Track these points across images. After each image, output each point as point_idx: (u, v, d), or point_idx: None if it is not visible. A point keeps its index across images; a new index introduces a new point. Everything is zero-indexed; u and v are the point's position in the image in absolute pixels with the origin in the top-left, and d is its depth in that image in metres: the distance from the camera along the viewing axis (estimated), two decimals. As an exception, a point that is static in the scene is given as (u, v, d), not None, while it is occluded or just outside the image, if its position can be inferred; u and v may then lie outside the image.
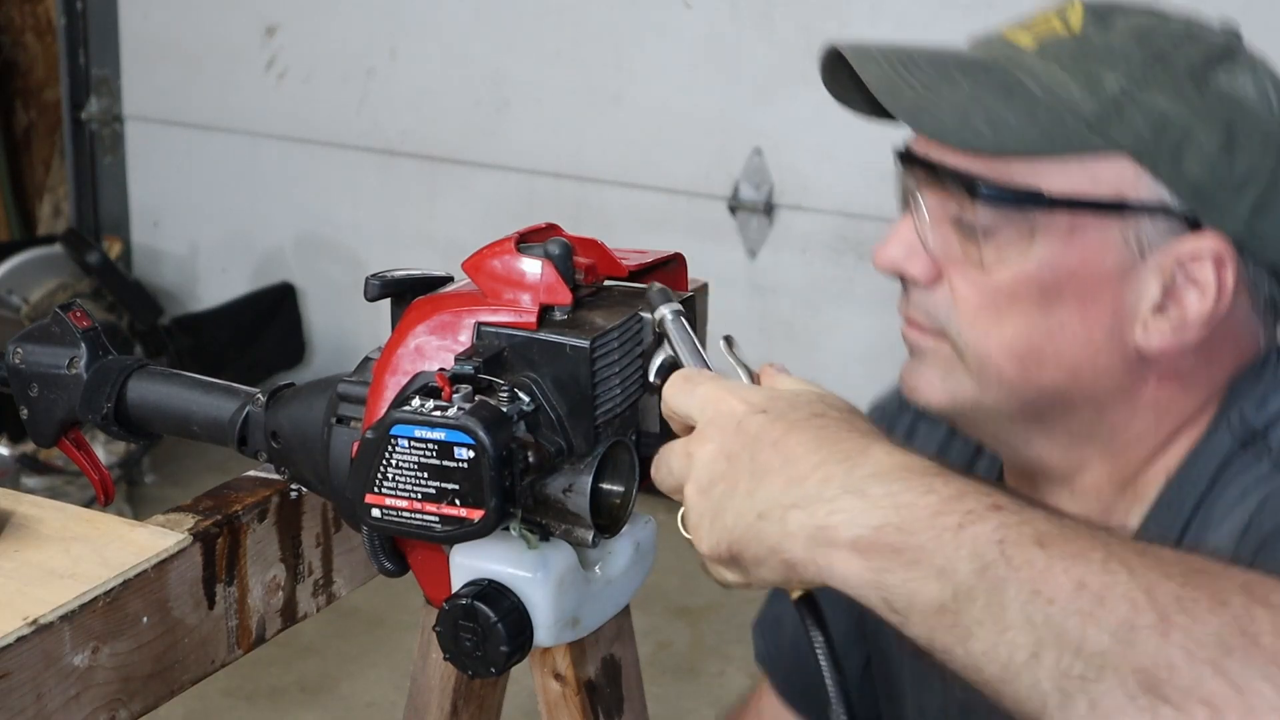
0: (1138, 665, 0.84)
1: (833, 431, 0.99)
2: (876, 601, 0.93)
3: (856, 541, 0.93)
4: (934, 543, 0.90)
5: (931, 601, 0.90)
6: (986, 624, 0.88)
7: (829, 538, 0.94)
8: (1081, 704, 0.86)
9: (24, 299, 4.10)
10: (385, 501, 1.06)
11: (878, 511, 0.93)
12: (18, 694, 1.02)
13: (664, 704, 3.26)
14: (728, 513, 1.00)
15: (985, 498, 0.92)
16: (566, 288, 1.10)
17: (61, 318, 1.25)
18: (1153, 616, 0.85)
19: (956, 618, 0.90)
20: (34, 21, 4.80)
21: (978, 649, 0.89)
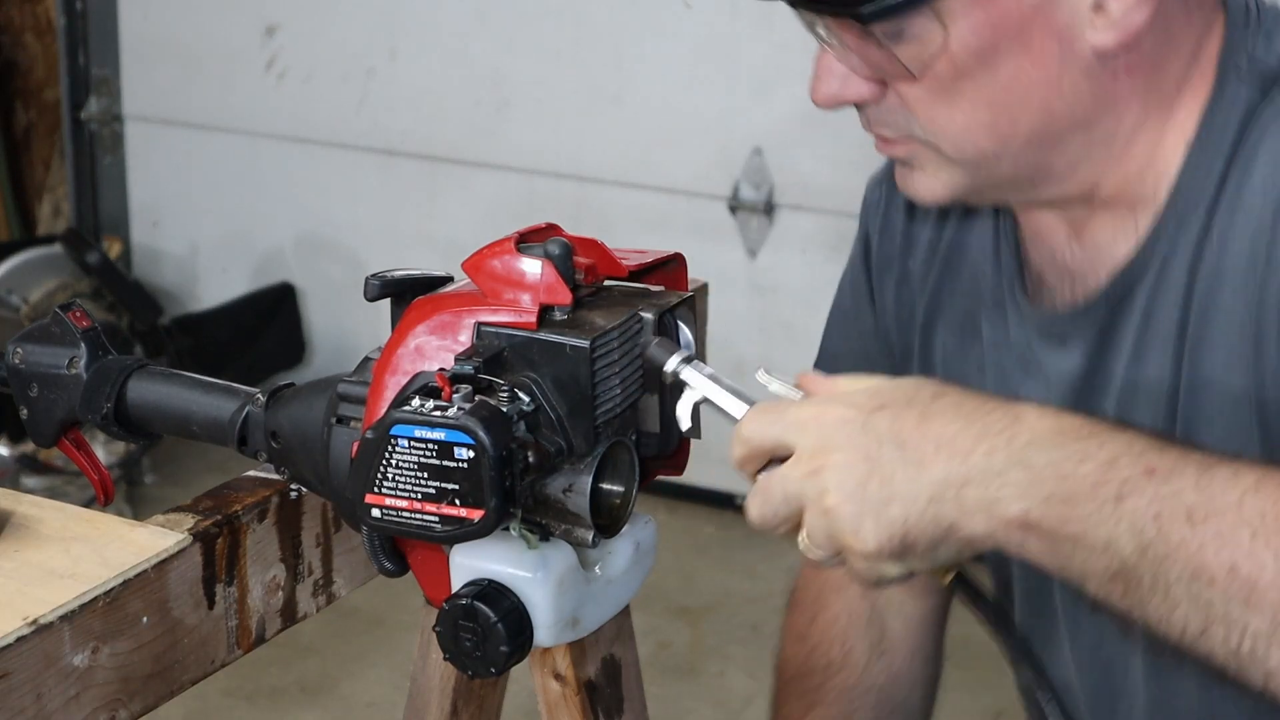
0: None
1: (971, 406, 1.02)
2: (1053, 569, 0.99)
3: (1028, 515, 0.98)
4: (1097, 515, 0.96)
5: (1102, 572, 0.97)
6: (1156, 596, 0.96)
7: (1003, 512, 0.99)
8: (1255, 672, 0.95)
9: (24, 299, 4.10)
10: (385, 501, 1.06)
11: (1043, 484, 0.97)
12: (18, 694, 1.02)
13: (664, 704, 3.26)
14: (894, 504, 1.01)
15: (1138, 460, 0.97)
16: (566, 288, 1.10)
17: (61, 318, 1.25)
18: None
19: (1127, 587, 0.96)
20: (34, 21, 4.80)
21: (1152, 616, 0.96)
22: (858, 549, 1.03)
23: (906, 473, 1.01)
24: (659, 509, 3.91)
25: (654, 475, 1.22)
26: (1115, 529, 0.96)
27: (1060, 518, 0.97)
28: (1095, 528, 0.96)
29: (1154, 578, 0.96)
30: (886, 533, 1.02)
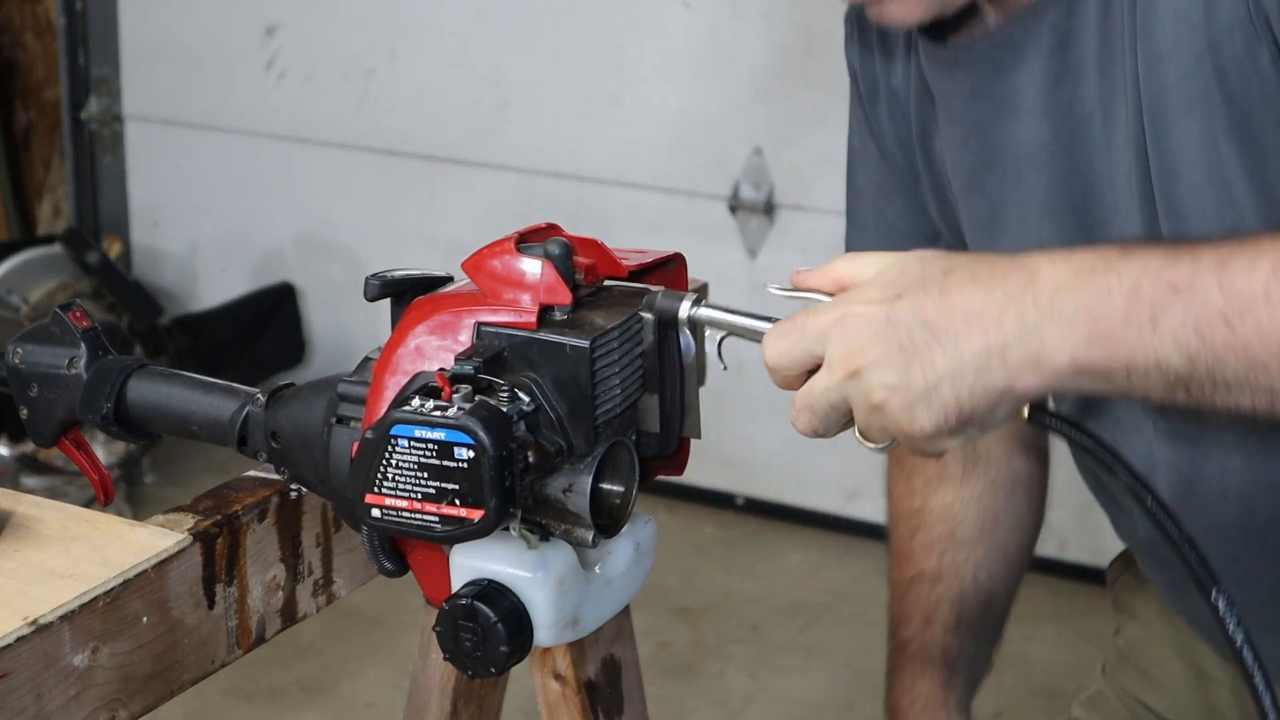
0: None
1: (985, 273, 1.04)
2: (1117, 394, 1.03)
3: (1074, 361, 1.00)
4: (1139, 342, 0.99)
5: (1160, 387, 1.00)
6: (1220, 392, 1.00)
7: (1050, 365, 1.01)
8: None
9: (24, 299, 4.10)
10: (385, 501, 1.06)
11: (1079, 328, 1.00)
12: (18, 694, 1.02)
13: (664, 704, 3.26)
14: (943, 386, 1.02)
15: (1157, 279, 0.99)
16: (566, 288, 1.10)
17: (61, 318, 1.25)
18: None
19: (1189, 392, 1.00)
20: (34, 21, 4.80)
21: (1220, 407, 1.01)
22: (917, 434, 1.04)
23: (945, 352, 1.02)
24: (659, 509, 3.91)
25: (654, 475, 1.22)
26: (1161, 349, 0.99)
27: (1105, 354, 1.00)
28: (1141, 354, 1.00)
29: (1211, 379, 0.99)
30: (942, 414, 1.03)
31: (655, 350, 1.15)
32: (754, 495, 4.10)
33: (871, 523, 3.76)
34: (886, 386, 1.03)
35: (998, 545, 1.62)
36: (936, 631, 1.59)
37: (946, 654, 1.59)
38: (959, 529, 1.61)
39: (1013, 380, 1.01)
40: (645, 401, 1.16)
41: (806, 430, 1.09)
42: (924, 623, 1.60)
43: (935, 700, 1.58)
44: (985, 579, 1.61)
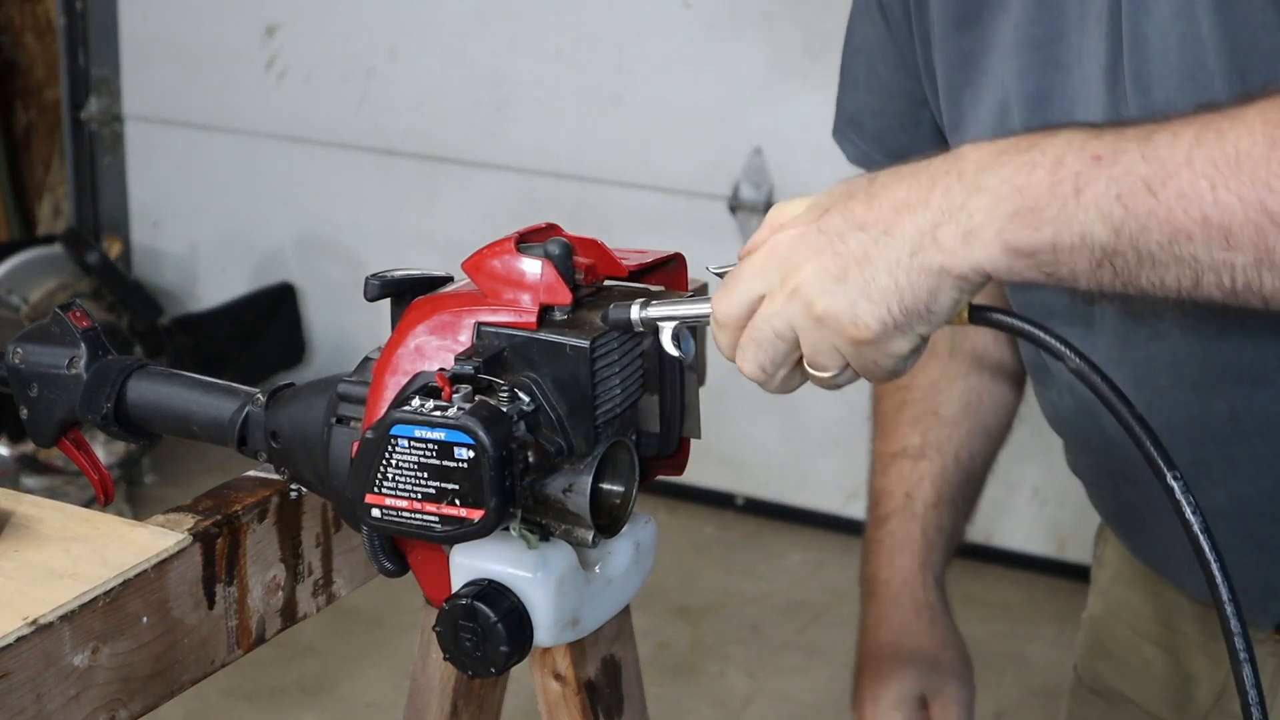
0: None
1: (909, 168, 1.04)
2: (1041, 277, 1.01)
3: (1002, 233, 0.99)
4: (1063, 213, 0.98)
5: (1087, 264, 0.99)
6: (1145, 268, 0.99)
7: (980, 240, 1.00)
8: (1254, 300, 0.99)
9: (24, 299, 4.10)
10: (385, 501, 1.06)
11: (1005, 200, 1.00)
12: (18, 694, 1.02)
13: (664, 704, 3.26)
14: (879, 275, 1.02)
15: (1080, 152, 0.99)
16: (566, 288, 1.10)
17: (61, 318, 1.25)
18: (1276, 231, 0.95)
19: (1115, 270, 0.99)
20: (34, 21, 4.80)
21: (1148, 286, 1.00)
22: (864, 337, 1.03)
23: (879, 245, 1.02)
24: (659, 509, 3.91)
25: (654, 475, 1.22)
26: (1085, 220, 0.98)
27: (1031, 230, 0.99)
28: (1066, 225, 0.99)
29: (1136, 252, 0.99)
30: (884, 305, 1.02)
31: (655, 350, 1.15)
32: (754, 495, 4.10)
33: (871, 523, 3.76)
34: (825, 291, 1.02)
35: (980, 423, 1.63)
36: (917, 508, 1.60)
37: (926, 531, 1.60)
38: (943, 407, 1.62)
39: (946, 259, 1.01)
40: (645, 401, 1.16)
41: (754, 369, 1.08)
42: (905, 498, 1.61)
43: (914, 578, 1.59)
44: (966, 457, 1.63)
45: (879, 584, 1.60)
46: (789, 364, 1.07)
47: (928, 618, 1.58)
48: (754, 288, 1.06)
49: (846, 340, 1.03)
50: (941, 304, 1.02)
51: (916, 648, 1.56)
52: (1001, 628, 3.57)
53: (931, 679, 1.55)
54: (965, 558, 3.95)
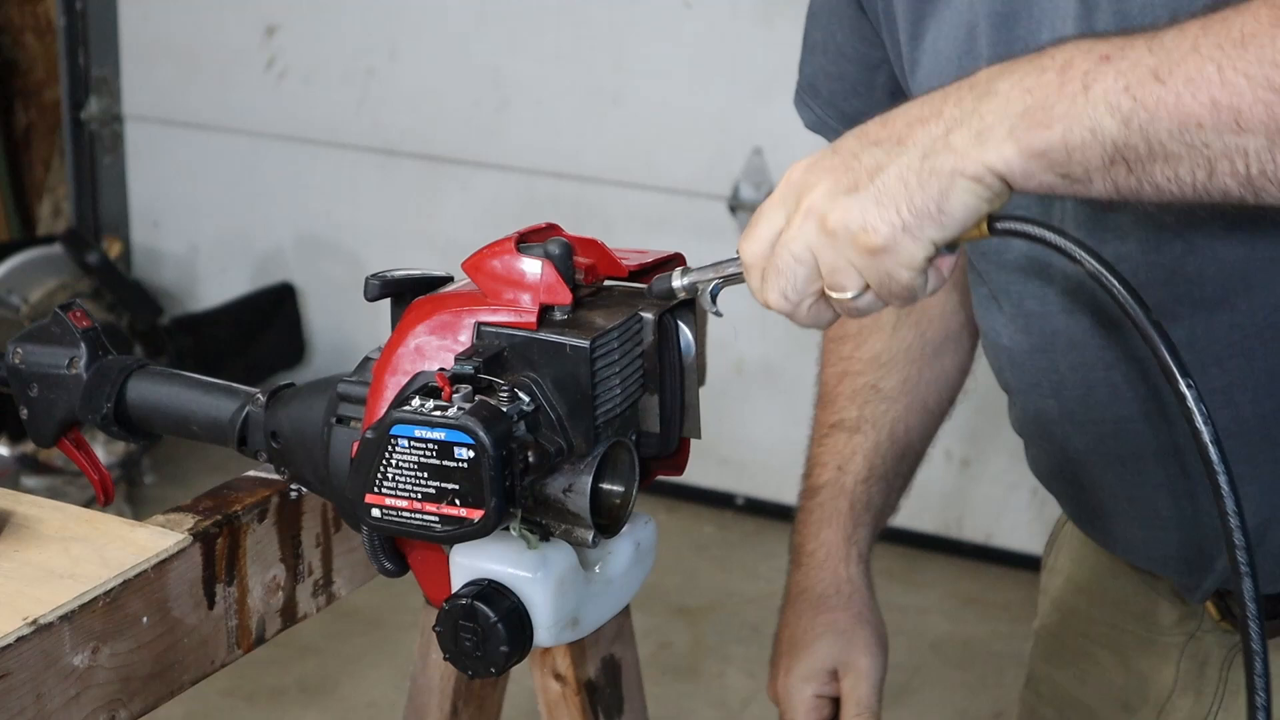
0: None
1: (923, 96, 1.05)
2: (1057, 181, 1.01)
3: (1013, 131, 1.00)
4: (1072, 110, 0.99)
5: (1099, 160, 0.99)
6: (1158, 162, 0.99)
7: (991, 137, 1.00)
8: (1272, 190, 0.99)
9: (24, 299, 4.10)
10: (385, 501, 1.06)
11: (1015, 101, 1.00)
12: (17, 694, 1.02)
13: (664, 704, 3.26)
14: (889, 183, 1.02)
15: (1089, 54, 1.00)
16: (566, 288, 1.10)
17: (61, 318, 1.25)
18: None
19: (1129, 167, 0.99)
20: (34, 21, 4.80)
21: (1162, 184, 1.00)
22: (875, 244, 1.02)
23: (891, 155, 1.03)
24: (659, 509, 3.91)
25: (654, 475, 1.22)
26: (1095, 114, 0.99)
27: (1042, 124, 1.00)
28: (1076, 120, 0.99)
29: (1147, 144, 0.99)
30: (892, 208, 1.02)
31: (655, 350, 1.15)
32: (754, 495, 4.10)
33: (871, 523, 3.77)
34: (837, 204, 1.03)
35: (919, 399, 1.64)
36: (848, 482, 1.61)
37: (854, 505, 1.61)
38: (883, 380, 1.63)
39: (958, 161, 1.01)
40: (645, 401, 1.16)
41: (778, 299, 1.07)
42: (837, 471, 1.62)
43: (838, 551, 1.60)
44: (903, 432, 1.63)
45: (804, 554, 1.62)
46: (812, 292, 1.07)
47: (846, 592, 1.59)
48: (774, 221, 1.07)
49: (860, 251, 1.03)
50: (953, 206, 1.02)
51: (832, 621, 1.57)
52: (1001, 628, 3.56)
53: (844, 652, 1.56)
54: (965, 557, 3.97)
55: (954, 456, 3.94)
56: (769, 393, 3.99)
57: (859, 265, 1.04)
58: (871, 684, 1.55)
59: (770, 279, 1.07)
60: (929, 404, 1.65)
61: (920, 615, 3.70)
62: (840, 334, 1.65)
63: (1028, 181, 1.01)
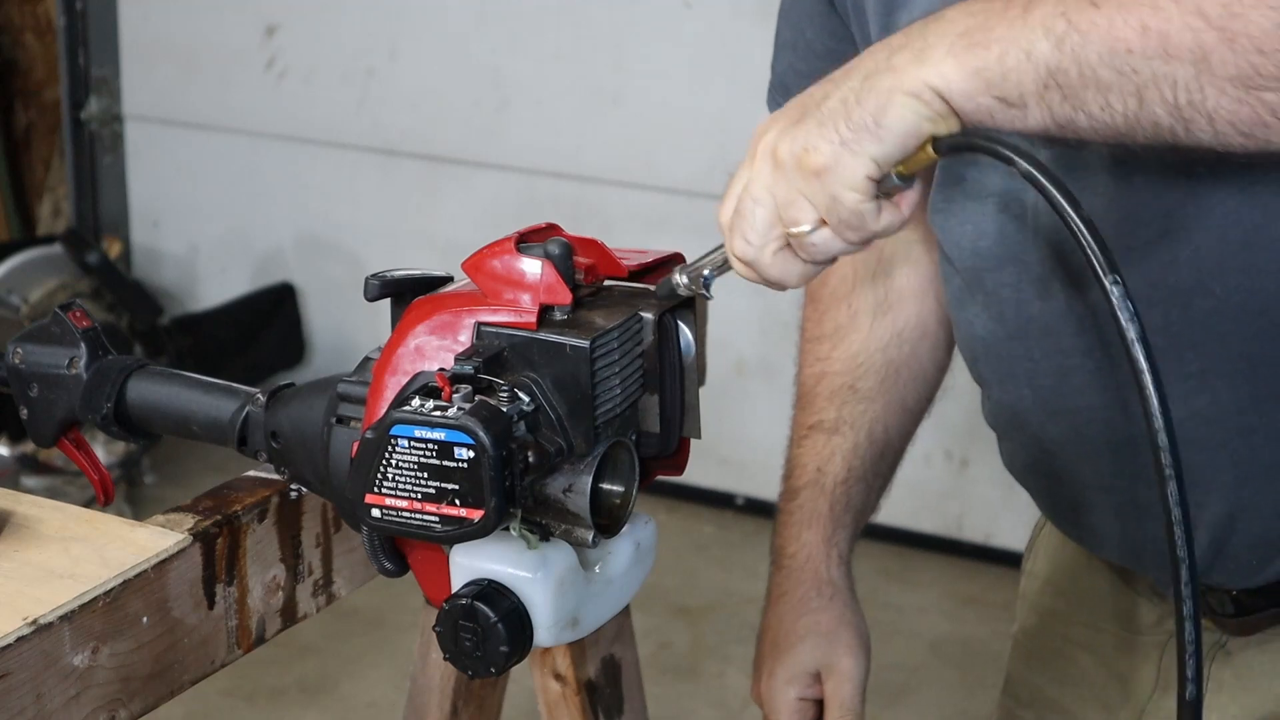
0: (1226, 75, 0.98)
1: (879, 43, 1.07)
2: (995, 105, 1.03)
3: (952, 49, 1.02)
4: (1011, 32, 1.01)
5: (1034, 84, 1.01)
6: (1089, 90, 1.01)
7: (931, 56, 1.03)
8: (1201, 122, 1.00)
9: (24, 299, 4.10)
10: (385, 501, 1.06)
11: (958, 24, 1.03)
12: (18, 694, 1.02)
13: (664, 704, 3.25)
14: (830, 105, 1.04)
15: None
16: (566, 288, 1.10)
17: (61, 318, 1.25)
18: (1215, 35, 0.98)
19: (1062, 91, 1.01)
20: (34, 21, 4.80)
21: (1095, 112, 1.02)
22: (816, 163, 1.04)
23: (836, 84, 1.06)
24: (659, 509, 3.91)
25: (654, 475, 1.22)
26: (1031, 36, 1.01)
27: (980, 44, 1.02)
28: (1013, 43, 1.01)
29: (1079, 69, 1.00)
30: (832, 126, 1.04)
31: (655, 350, 1.15)
32: (754, 495, 4.10)
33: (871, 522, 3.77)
34: (785, 136, 1.05)
35: (898, 398, 1.64)
36: (827, 483, 1.62)
37: (834, 507, 1.61)
38: (860, 381, 1.63)
39: (897, 79, 1.03)
40: (645, 401, 1.16)
41: (741, 246, 1.09)
42: (816, 473, 1.62)
43: (818, 553, 1.61)
44: (881, 432, 1.63)
45: (785, 556, 1.63)
46: (775, 237, 1.08)
47: (828, 594, 1.59)
48: (740, 177, 1.09)
49: (806, 176, 1.05)
50: (891, 120, 1.03)
51: (814, 624, 1.58)
52: (1001, 628, 3.56)
53: (827, 655, 1.56)
54: (965, 557, 3.97)
55: (954, 456, 3.94)
56: (769, 393, 3.98)
57: (808, 192, 1.05)
58: (854, 685, 1.55)
59: (733, 228, 1.09)
60: (907, 403, 1.65)
61: (919, 615, 3.70)
62: (817, 334, 1.65)
63: (966, 102, 1.03)
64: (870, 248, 1.11)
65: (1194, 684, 1.01)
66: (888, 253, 1.62)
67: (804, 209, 1.06)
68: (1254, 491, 1.29)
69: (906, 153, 1.04)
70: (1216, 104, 1.00)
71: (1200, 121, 1.01)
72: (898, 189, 1.06)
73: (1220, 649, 1.41)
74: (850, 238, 1.07)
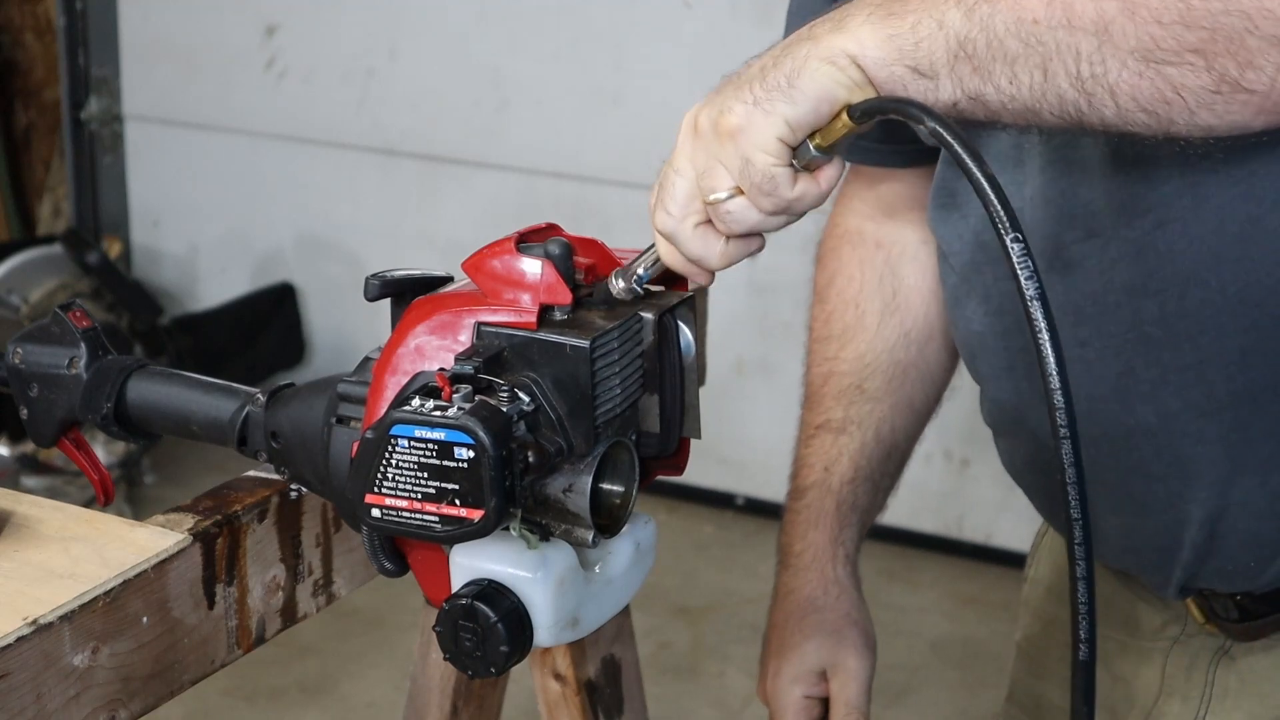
0: (1127, 47, 1.00)
1: None
2: (905, 73, 1.04)
3: (870, 18, 1.04)
4: (925, 2, 1.03)
5: (944, 54, 1.03)
6: (997, 61, 1.02)
7: (848, 25, 1.05)
8: (1103, 96, 1.02)
9: (24, 299, 4.10)
10: (385, 501, 1.06)
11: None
12: (18, 694, 1.02)
13: (664, 704, 3.26)
14: (750, 72, 1.08)
15: None
16: (567, 288, 1.10)
17: (61, 318, 1.25)
18: (1116, 5, 0.99)
19: (971, 63, 1.03)
20: (34, 21, 4.80)
21: (1003, 85, 1.03)
22: (730, 123, 1.06)
23: (759, 57, 1.08)
24: (659, 509, 3.91)
25: (654, 475, 1.22)
26: (944, 7, 1.03)
27: (896, 15, 1.04)
28: (927, 13, 1.03)
29: (987, 39, 1.02)
30: (746, 88, 1.06)
31: (655, 350, 1.15)
32: (754, 495, 4.10)
33: (871, 523, 3.77)
34: (704, 105, 1.08)
35: (905, 398, 1.64)
36: (834, 483, 1.62)
37: (840, 506, 1.61)
38: (868, 381, 1.63)
39: (813, 47, 1.04)
40: (645, 401, 1.16)
41: (662, 218, 1.10)
42: (824, 472, 1.62)
43: (825, 552, 1.61)
44: (888, 432, 1.64)
45: (792, 555, 1.62)
46: (694, 210, 1.09)
47: (834, 593, 1.59)
48: (666, 172, 1.10)
49: (720, 138, 1.06)
50: (804, 82, 1.04)
51: (820, 622, 1.58)
52: (1001, 628, 3.56)
53: (833, 653, 1.56)
54: (965, 557, 3.97)
55: (954, 456, 3.94)
56: (769, 393, 3.99)
57: (722, 157, 1.07)
58: (860, 684, 1.55)
59: (657, 202, 1.11)
60: (914, 403, 1.65)
61: (920, 615, 3.70)
62: (825, 334, 1.66)
63: (879, 70, 1.04)
64: (795, 220, 1.13)
65: (1086, 645, 1.04)
66: (895, 254, 1.62)
67: (720, 175, 1.07)
68: (1246, 487, 1.29)
69: (820, 117, 1.05)
70: (1118, 77, 1.01)
71: (1103, 95, 1.02)
72: (816, 162, 1.06)
73: (1224, 654, 1.41)
74: (764, 205, 1.08)
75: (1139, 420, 1.32)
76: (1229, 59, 0.99)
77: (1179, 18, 0.99)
